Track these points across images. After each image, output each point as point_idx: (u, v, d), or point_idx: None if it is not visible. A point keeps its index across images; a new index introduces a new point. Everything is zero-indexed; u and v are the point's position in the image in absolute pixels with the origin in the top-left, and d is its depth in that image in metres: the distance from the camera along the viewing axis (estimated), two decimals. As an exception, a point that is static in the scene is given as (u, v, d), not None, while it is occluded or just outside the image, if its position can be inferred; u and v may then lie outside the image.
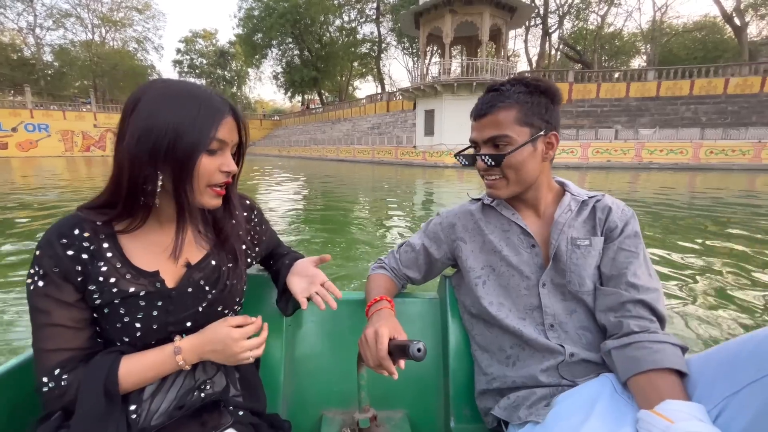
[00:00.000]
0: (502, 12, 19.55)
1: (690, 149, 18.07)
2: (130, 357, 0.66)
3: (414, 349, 0.64)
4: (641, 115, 21.88)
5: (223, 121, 0.65)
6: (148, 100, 0.61)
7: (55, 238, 0.63)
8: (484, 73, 18.94)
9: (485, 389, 0.89)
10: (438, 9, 19.33)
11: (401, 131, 26.10)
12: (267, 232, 0.92)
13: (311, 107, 47.16)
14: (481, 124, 0.83)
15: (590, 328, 0.81)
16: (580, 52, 36.85)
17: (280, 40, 40.06)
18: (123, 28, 48.04)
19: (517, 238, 0.87)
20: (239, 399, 0.79)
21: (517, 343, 0.84)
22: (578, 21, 36.91)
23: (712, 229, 5.40)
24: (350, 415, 0.95)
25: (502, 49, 21.43)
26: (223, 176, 0.67)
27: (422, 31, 20.93)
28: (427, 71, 21.99)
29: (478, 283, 0.89)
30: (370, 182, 13.13)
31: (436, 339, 1.04)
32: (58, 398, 0.62)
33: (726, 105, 21.26)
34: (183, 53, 52.69)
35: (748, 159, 17.43)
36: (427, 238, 0.99)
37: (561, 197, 0.89)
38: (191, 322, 0.71)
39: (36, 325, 0.63)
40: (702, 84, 22.06)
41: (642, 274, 0.77)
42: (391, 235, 5.34)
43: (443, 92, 19.45)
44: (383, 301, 0.86)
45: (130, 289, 0.65)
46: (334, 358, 1.04)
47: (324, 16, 38.22)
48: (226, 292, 0.75)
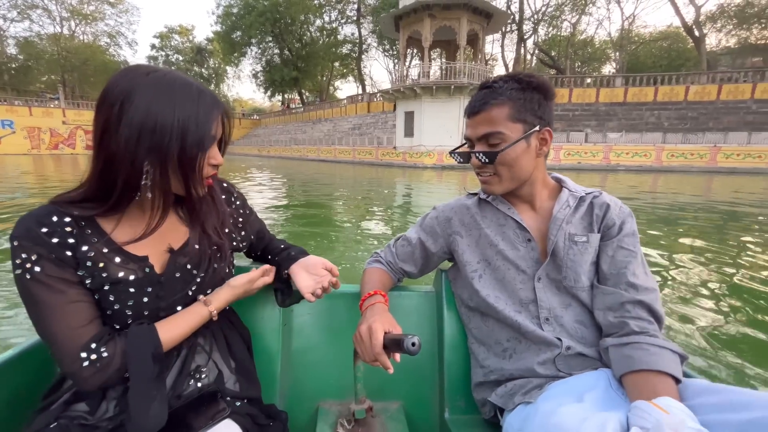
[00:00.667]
0: (479, 18, 20.14)
1: (653, 152, 19.19)
2: (162, 322, 0.69)
3: (408, 343, 0.65)
4: (609, 119, 23.03)
5: (217, 116, 0.66)
6: (143, 93, 0.59)
7: (35, 226, 0.60)
8: (462, 77, 19.44)
9: (482, 381, 0.90)
10: (417, 13, 19.73)
11: (382, 132, 26.41)
12: (251, 216, 0.92)
13: (292, 107, 46.87)
14: (474, 121, 0.84)
15: (585, 322, 0.82)
16: (553, 58, 38.24)
17: (260, 38, 39.63)
18: (94, 21, 46.31)
19: (513, 232, 0.88)
20: (236, 389, 0.80)
21: (514, 335, 0.85)
22: (551, 28, 38.34)
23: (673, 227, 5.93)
24: (346, 407, 0.96)
25: (479, 53, 22.07)
26: (211, 169, 0.70)
27: (402, 34, 21.28)
28: (407, 73, 22.41)
29: (474, 277, 0.90)
30: (352, 181, 13.35)
31: (432, 332, 1.06)
32: (101, 371, 0.61)
33: (686, 111, 22.65)
34: (158, 49, 51.34)
35: (705, 162, 18.67)
36: (424, 232, 1.00)
37: (557, 193, 0.90)
38: (181, 306, 0.73)
39: (47, 310, 0.60)
40: (665, 91, 23.42)
41: (640, 274, 0.78)
42: (371, 230, 5.60)
43: (422, 94, 19.85)
44: (377, 296, 0.87)
45: (119, 273, 0.65)
46: (331, 349, 1.05)
47: (304, 16, 38.10)
48: (211, 273, 0.76)
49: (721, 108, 22.24)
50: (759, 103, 21.88)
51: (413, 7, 19.29)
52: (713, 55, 36.57)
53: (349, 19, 40.56)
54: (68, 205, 0.63)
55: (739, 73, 23.66)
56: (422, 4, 18.84)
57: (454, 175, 16.13)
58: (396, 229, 5.72)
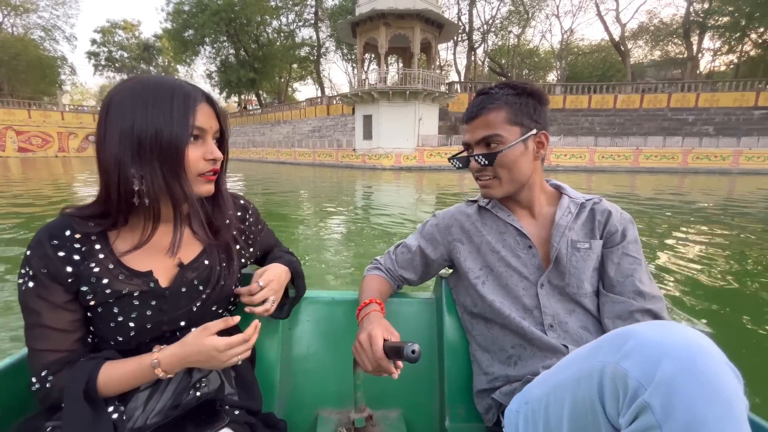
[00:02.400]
0: (431, 27, 21.28)
1: (587, 154, 21.38)
2: (111, 364, 0.65)
3: (408, 350, 0.64)
4: (551, 124, 24.03)
5: (198, 108, 0.64)
6: (119, 102, 0.61)
7: (46, 239, 0.62)
8: (417, 83, 20.42)
9: (486, 388, 0.89)
10: (373, 21, 20.50)
11: (341, 135, 26.90)
12: (262, 231, 0.91)
13: (248, 108, 45.93)
14: (472, 126, 0.85)
15: (590, 329, 0.82)
16: (502, 66, 40.77)
17: (214, 38, 38.54)
18: (26, 13, 42.59)
19: (513, 239, 0.88)
20: (235, 398, 0.79)
21: (519, 342, 0.84)
22: (498, 39, 40.92)
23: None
24: (346, 415, 0.95)
25: (433, 60, 23.28)
26: (208, 164, 0.68)
27: (359, 40, 21.97)
28: (365, 78, 23.06)
29: (477, 283, 0.90)
30: (314, 182, 13.79)
31: (432, 339, 1.05)
32: (45, 398, 0.64)
33: (615, 117, 25.41)
34: (99, 44, 48.04)
35: (629, 163, 21.14)
36: (423, 239, 1.00)
37: (556, 199, 0.91)
38: (185, 321, 0.72)
39: (27, 325, 0.63)
40: (597, 99, 26.05)
41: (646, 281, 0.80)
42: (334, 230, 6.14)
43: (380, 99, 20.61)
44: (372, 304, 0.87)
45: (123, 289, 0.65)
46: (330, 357, 1.04)
47: (261, 17, 37.66)
48: (218, 290, 0.75)
49: (643, 115, 25.24)
50: (673, 111, 25.11)
51: (369, 15, 20.04)
52: (640, 67, 40.88)
53: (307, 22, 40.64)
54: (82, 219, 0.65)
55: (658, 84, 26.95)
56: (377, 12, 19.63)
57: (411, 176, 17.07)
58: (367, 225, 6.30)
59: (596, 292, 0.84)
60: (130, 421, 0.66)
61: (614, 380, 0.50)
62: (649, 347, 0.48)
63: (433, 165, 20.89)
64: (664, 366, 0.46)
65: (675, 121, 24.61)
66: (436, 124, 22.57)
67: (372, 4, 19.88)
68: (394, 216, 7.08)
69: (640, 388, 0.46)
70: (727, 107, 24.60)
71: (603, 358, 0.52)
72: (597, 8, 35.34)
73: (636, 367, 0.48)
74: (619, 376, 0.49)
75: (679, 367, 0.45)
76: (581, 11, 49.40)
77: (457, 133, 23.25)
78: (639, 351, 0.48)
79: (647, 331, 0.50)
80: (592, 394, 0.53)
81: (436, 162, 20.95)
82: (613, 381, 0.50)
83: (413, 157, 20.93)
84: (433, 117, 22.31)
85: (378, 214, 7.51)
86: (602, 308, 0.82)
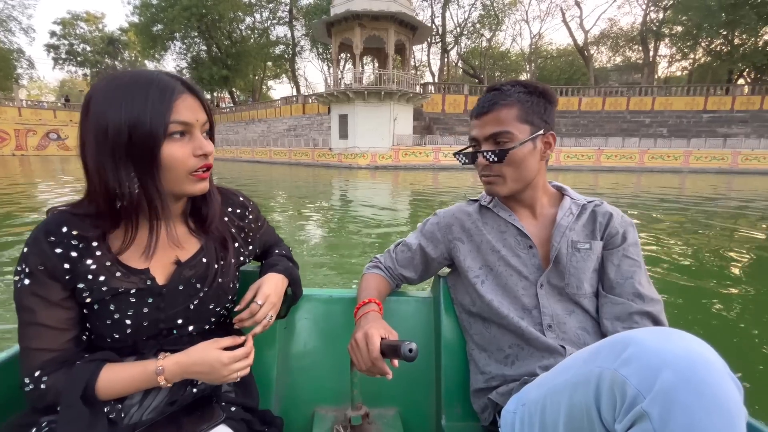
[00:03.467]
0: (405, 30, 21.68)
1: (554, 154, 22.34)
2: (112, 368, 0.64)
3: (405, 349, 0.64)
4: None
5: (178, 101, 0.60)
6: (96, 101, 0.59)
7: (43, 235, 0.61)
8: (392, 84, 20.79)
9: (482, 387, 0.89)
10: (348, 21, 20.66)
11: (317, 134, 26.92)
12: (262, 229, 0.90)
13: (221, 106, 44.97)
14: (482, 121, 0.84)
15: (588, 329, 0.82)
16: (475, 68, 41.91)
17: (185, 33, 37.54)
18: (-24, 2, 39.91)
19: (514, 239, 0.88)
20: (231, 395, 0.79)
21: (516, 342, 0.84)
22: (470, 42, 42.05)
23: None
24: (342, 413, 0.95)
25: (407, 62, 23.71)
26: (199, 160, 0.64)
27: (334, 40, 22.08)
28: (341, 78, 23.14)
29: (476, 282, 0.90)
30: (291, 181, 13.89)
31: (429, 338, 1.05)
32: (38, 399, 0.62)
33: (579, 119, 26.79)
34: (59, 37, 45.67)
35: (592, 162, 22.40)
36: (424, 237, 0.99)
37: (558, 200, 0.92)
38: (182, 319, 0.71)
39: (21, 323, 0.62)
40: (563, 101, 27.34)
41: (645, 284, 0.81)
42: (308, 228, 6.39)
43: (355, 99, 20.83)
44: (371, 304, 0.86)
45: (120, 287, 0.65)
46: (327, 355, 1.05)
47: (234, 13, 37.00)
48: (215, 288, 0.74)
49: (605, 117, 26.78)
50: (632, 114, 26.80)
51: (344, 15, 20.19)
52: (604, 71, 43.04)
53: (281, 20, 40.24)
54: (77, 218, 0.64)
55: (620, 88, 28.65)
56: (352, 13, 19.83)
57: (387, 174, 17.45)
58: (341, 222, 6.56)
59: (595, 293, 0.85)
60: (126, 417, 0.67)
61: (612, 387, 0.49)
62: (649, 355, 0.47)
63: (408, 164, 21.36)
64: (664, 375, 0.45)
65: (633, 123, 26.26)
66: (410, 124, 23.05)
67: (347, 5, 20.05)
68: (373, 211, 7.39)
69: (639, 396, 0.46)
70: (680, 110, 26.53)
71: (601, 363, 0.52)
72: (562, 14, 37.22)
73: (635, 374, 0.47)
74: (618, 383, 0.49)
75: (679, 376, 0.45)
76: (549, 16, 51.36)
77: (431, 132, 23.86)
78: (639, 358, 0.48)
79: (648, 338, 0.49)
80: (588, 399, 0.53)
81: (410, 161, 21.44)
82: (611, 387, 0.50)
83: (389, 156, 21.30)
84: (407, 117, 22.76)
85: (357, 209, 7.81)
86: (601, 309, 0.83)
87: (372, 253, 4.43)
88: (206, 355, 0.66)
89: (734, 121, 25.10)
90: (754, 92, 26.44)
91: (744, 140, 21.87)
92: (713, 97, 26.45)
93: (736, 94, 26.48)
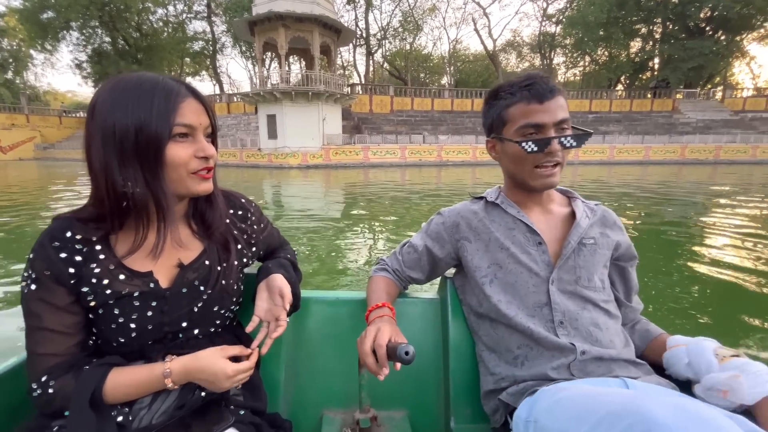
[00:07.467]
0: (329, 32, 22.11)
1: (471, 150, 24.81)
2: (119, 371, 0.65)
3: (402, 352, 0.65)
4: (441, 124, 28.47)
5: (182, 104, 0.63)
6: (101, 103, 0.60)
7: (48, 241, 0.63)
8: (319, 84, 21.14)
9: (492, 389, 0.88)
10: (272, 21, 20.49)
11: (245, 134, 26.32)
12: (266, 230, 0.90)
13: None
14: (548, 106, 0.81)
15: (600, 325, 0.82)
16: (399, 70, 43.91)
17: (83, 23, 33.63)
18: None
19: (522, 236, 0.88)
20: (240, 398, 0.79)
21: (525, 342, 0.84)
22: (392, 45, 44.02)
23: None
24: (351, 415, 0.95)
25: (333, 63, 24.22)
26: (201, 162, 0.66)
27: (258, 39, 21.75)
28: (267, 77, 22.88)
29: (485, 282, 0.89)
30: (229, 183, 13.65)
31: (437, 339, 1.05)
32: (46, 404, 0.63)
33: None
34: None
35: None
36: (430, 238, 0.99)
37: (566, 200, 0.96)
38: (186, 322, 0.72)
39: (28, 328, 0.63)
40: (478, 102, 30.09)
41: None
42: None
43: (283, 99, 20.81)
44: (384, 308, 0.87)
45: (123, 290, 0.65)
46: (335, 357, 1.05)
47: (142, 4, 34.10)
48: (218, 290, 0.74)
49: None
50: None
51: (267, 15, 20.03)
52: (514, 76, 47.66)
53: (199, 14, 38.05)
54: (82, 222, 0.65)
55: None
56: (275, 14, 19.76)
57: (318, 173, 17.94)
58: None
59: (605, 288, 0.87)
60: (135, 421, 0.67)
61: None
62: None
63: (339, 162, 21.99)
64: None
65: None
66: (340, 123, 23.69)
67: (269, 6, 19.93)
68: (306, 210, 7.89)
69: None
70: (571, 111, 30.35)
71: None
72: (474, 24, 40.89)
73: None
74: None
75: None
76: (464, 24, 55.65)
77: (360, 132, 24.80)
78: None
79: (669, 421, 0.49)
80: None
81: (341, 159, 22.10)
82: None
83: (319, 155, 21.70)
84: (336, 117, 23.34)
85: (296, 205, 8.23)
86: (623, 314, 0.92)
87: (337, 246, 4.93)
88: (213, 365, 0.67)
89: (611, 120, 30.00)
90: (626, 96, 32.03)
91: (617, 136, 26.43)
92: (596, 100, 31.36)
93: (613, 98, 31.77)
